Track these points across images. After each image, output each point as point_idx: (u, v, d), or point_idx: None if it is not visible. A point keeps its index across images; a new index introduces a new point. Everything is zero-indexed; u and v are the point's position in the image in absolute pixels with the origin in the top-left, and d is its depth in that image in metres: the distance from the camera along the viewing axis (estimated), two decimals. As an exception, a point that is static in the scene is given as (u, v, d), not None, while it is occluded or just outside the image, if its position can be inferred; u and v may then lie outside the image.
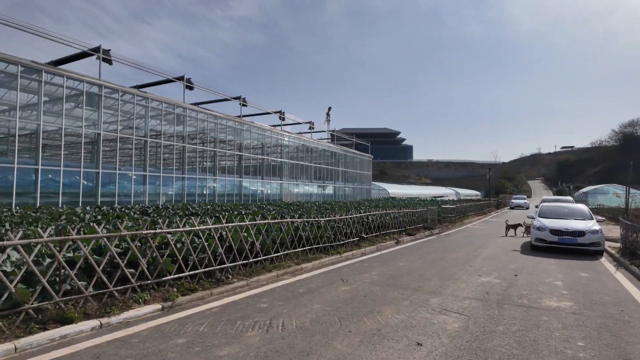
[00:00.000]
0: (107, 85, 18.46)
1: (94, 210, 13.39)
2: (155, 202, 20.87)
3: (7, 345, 3.70)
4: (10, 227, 8.72)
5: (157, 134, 22.73)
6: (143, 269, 5.46)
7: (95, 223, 9.85)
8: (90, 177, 18.14)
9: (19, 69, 15.28)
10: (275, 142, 32.12)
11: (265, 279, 7.15)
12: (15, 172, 14.96)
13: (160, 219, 11.34)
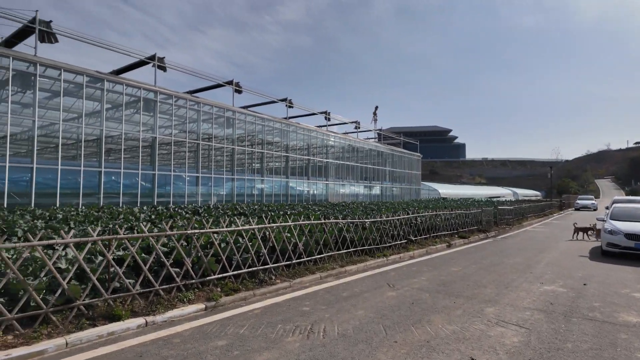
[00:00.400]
0: (162, 92, 19.46)
1: (149, 210, 14.11)
2: (207, 202, 21.67)
3: (60, 340, 3.85)
4: (75, 225, 9.37)
5: (208, 136, 23.62)
6: (188, 268, 5.52)
7: (149, 222, 10.32)
8: (148, 179, 19.21)
9: (85, 79, 16.55)
10: (321, 143, 32.13)
11: (308, 281, 7.00)
12: (82, 175, 16.21)
13: (210, 219, 11.68)
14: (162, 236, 5.34)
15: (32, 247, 3.98)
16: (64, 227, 8.48)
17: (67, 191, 15.91)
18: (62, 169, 15.58)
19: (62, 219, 10.18)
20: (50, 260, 4.14)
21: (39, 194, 14.89)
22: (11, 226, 8.37)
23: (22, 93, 16.16)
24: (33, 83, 15.13)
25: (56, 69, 15.62)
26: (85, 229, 8.04)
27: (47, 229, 8.36)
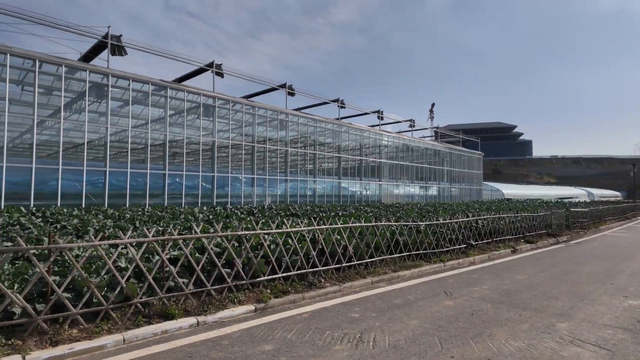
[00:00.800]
0: (220, 97, 20.31)
1: (208, 210, 14.75)
2: (262, 202, 22.25)
3: (118, 336, 4.03)
4: (140, 224, 10.02)
5: (263, 139, 24.27)
6: (238, 269, 5.58)
7: (207, 222, 10.75)
8: (208, 180, 20.16)
9: (150, 87, 17.75)
10: (374, 143, 31.60)
11: (358, 286, 6.79)
12: (148, 177, 17.40)
13: (263, 219, 11.90)
14: (213, 237, 5.45)
15: (94, 246, 4.21)
16: (129, 227, 9.09)
17: (136, 192, 17.16)
18: (131, 172, 16.84)
19: (130, 218, 10.95)
20: (110, 259, 4.36)
21: (112, 195, 16.22)
22: (85, 225, 9.14)
23: (97, 103, 17.72)
24: (106, 93, 16.52)
25: (126, 79, 16.92)
26: (148, 228, 8.55)
27: (115, 227, 9.01)
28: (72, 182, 15.38)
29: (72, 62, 15.51)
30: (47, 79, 15.83)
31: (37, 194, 14.31)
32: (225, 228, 8.71)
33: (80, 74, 15.78)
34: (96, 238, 4.29)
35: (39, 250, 3.87)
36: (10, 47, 13.80)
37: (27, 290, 3.76)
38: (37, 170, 14.34)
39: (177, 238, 4.93)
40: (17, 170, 14.12)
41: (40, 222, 9.82)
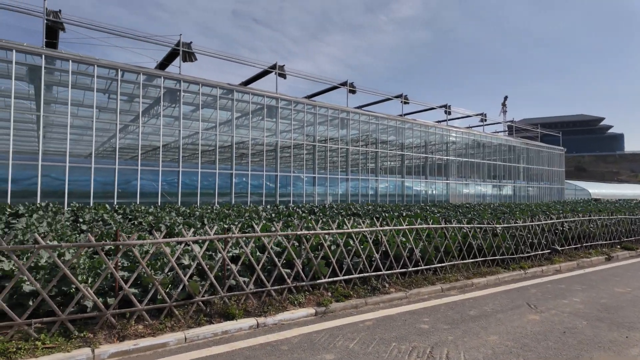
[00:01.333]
0: (283, 98, 20.62)
1: (271, 209, 14.98)
2: (323, 201, 22.21)
3: (180, 335, 4.03)
4: (207, 222, 10.39)
5: (324, 138, 24.24)
6: (298, 269, 5.40)
7: (269, 220, 10.85)
8: (271, 180, 20.59)
9: (218, 91, 18.55)
10: (440, 139, 30.03)
11: (426, 293, 6.25)
12: (217, 177, 18.20)
13: (324, 218, 11.73)
14: (273, 236, 5.32)
15: (158, 243, 4.27)
16: (197, 224, 9.43)
17: (206, 191, 18.04)
18: (201, 172, 17.74)
19: (199, 216, 11.42)
20: (173, 256, 4.40)
21: (184, 193, 17.21)
22: (159, 222, 9.67)
23: (172, 107, 18.93)
24: (178, 98, 17.57)
25: (196, 84, 17.85)
26: (210, 227, 8.78)
27: (184, 225, 9.40)
28: (150, 181, 16.58)
29: (149, 70, 16.72)
30: (128, 87, 17.25)
31: (120, 193, 15.63)
32: (286, 227, 8.66)
33: (156, 80, 16.96)
34: (160, 235, 4.34)
35: (106, 247, 3.97)
36: (97, 59, 15.23)
37: (97, 285, 3.89)
38: (120, 171, 15.67)
39: (237, 236, 4.86)
40: (104, 171, 15.55)
41: (120, 219, 10.62)
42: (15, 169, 13.66)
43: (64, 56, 14.66)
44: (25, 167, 14.10)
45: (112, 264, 3.92)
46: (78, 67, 15.17)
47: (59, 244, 3.62)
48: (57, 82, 15.73)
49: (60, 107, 17.08)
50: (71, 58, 14.67)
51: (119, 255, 3.94)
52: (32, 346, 3.43)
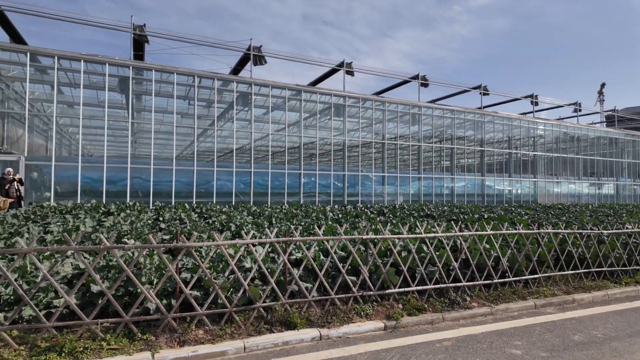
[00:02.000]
0: (350, 96, 20.23)
1: (339, 209, 14.67)
2: (394, 201, 21.35)
3: (239, 343, 3.82)
4: (276, 221, 10.39)
5: (394, 136, 23.35)
6: (365, 277, 4.94)
7: (336, 221, 10.52)
8: (339, 179, 20.33)
9: (287, 92, 18.76)
10: (526, 133, 27.19)
11: (516, 309, 5.37)
12: (286, 177, 18.42)
13: (394, 220, 11.08)
14: (337, 240, 4.93)
15: (218, 246, 4.12)
16: (265, 224, 9.43)
17: (276, 191, 18.37)
18: (271, 172, 18.09)
19: (268, 215, 11.51)
20: (234, 258, 4.23)
21: (256, 193, 17.69)
22: (230, 221, 9.88)
23: (245, 111, 19.62)
24: (250, 101, 18.11)
25: (266, 87, 18.25)
26: (272, 228, 8.67)
27: (253, 224, 9.46)
28: (225, 182, 17.32)
29: (223, 76, 17.47)
30: (205, 93, 18.22)
31: (198, 193, 16.54)
32: (353, 229, 8.22)
33: (230, 85, 17.66)
34: (221, 237, 4.20)
35: (166, 248, 3.90)
36: (177, 67, 16.28)
37: (159, 287, 3.84)
38: (198, 172, 16.58)
39: (299, 239, 4.55)
40: (184, 172, 16.57)
41: (195, 218, 11.11)
42: (109, 171, 15.13)
43: (148, 66, 15.90)
44: (118, 169, 15.55)
45: (173, 266, 3.84)
46: (161, 76, 16.35)
47: (122, 245, 3.62)
48: (144, 91, 17.14)
49: (148, 114, 18.60)
50: (154, 67, 15.86)
51: (179, 258, 3.86)
52: (98, 346, 3.45)
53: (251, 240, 4.24)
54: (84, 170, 14.74)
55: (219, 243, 4.04)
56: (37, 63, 14.55)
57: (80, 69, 14.60)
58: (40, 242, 6.39)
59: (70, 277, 4.46)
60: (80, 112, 15.15)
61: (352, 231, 7.15)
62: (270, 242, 4.38)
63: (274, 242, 4.41)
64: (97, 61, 14.83)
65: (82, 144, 18.39)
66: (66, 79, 15.57)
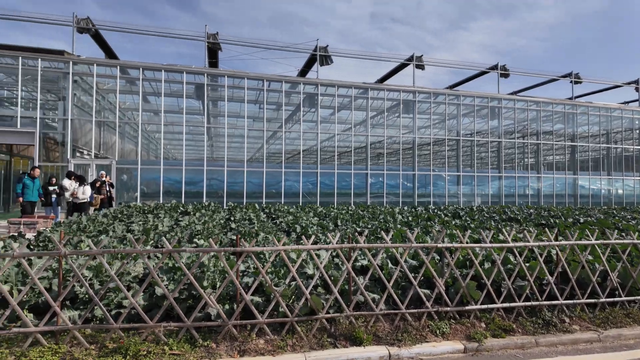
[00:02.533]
0: (420, 90, 19.23)
1: (409, 211, 13.92)
2: (470, 203, 19.86)
3: (300, 357, 3.56)
4: (341, 223, 10.09)
5: (470, 132, 21.75)
6: (440, 291, 4.39)
7: (406, 225, 9.89)
8: (409, 179, 19.44)
9: (354, 91, 18.40)
10: (629, 124, 23.59)
11: (632, 336, 4.40)
12: (352, 177, 18.06)
13: (472, 223, 10.12)
14: (407, 248, 4.44)
15: (278, 251, 3.91)
16: (330, 225, 9.17)
17: (343, 191, 18.12)
18: (337, 173, 17.87)
19: (334, 217, 11.26)
20: (295, 264, 3.99)
21: (322, 193, 17.62)
22: (296, 222, 9.81)
23: (312, 112, 19.69)
24: (316, 102, 18.08)
25: (332, 86, 18.09)
26: (333, 233, 8.35)
27: (318, 226, 9.27)
28: (292, 182, 17.51)
29: (290, 78, 17.68)
30: (274, 96, 18.62)
31: (268, 193, 16.92)
32: (425, 233, 7.58)
33: (297, 87, 17.81)
34: (279, 242, 3.98)
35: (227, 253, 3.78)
36: (247, 72, 16.82)
37: (219, 292, 3.73)
38: (268, 174, 16.97)
39: (364, 247, 4.17)
40: (254, 174, 17.08)
41: (264, 218, 11.26)
42: (187, 173, 16.11)
43: (221, 73, 16.65)
44: (195, 171, 16.50)
45: (234, 271, 3.71)
46: (233, 82, 17.03)
47: (183, 249, 3.56)
48: (218, 97, 18.00)
49: (222, 119, 19.54)
50: (226, 74, 16.56)
51: (239, 263, 3.71)
52: (161, 351, 3.42)
53: (312, 247, 3.96)
54: (166, 173, 15.88)
55: (279, 248, 3.82)
56: (126, 75, 16.02)
57: (162, 78, 15.75)
58: (121, 241, 6.83)
59: (142, 277, 4.59)
60: (162, 119, 16.36)
61: (424, 236, 6.56)
62: (333, 248, 4.05)
63: (337, 248, 4.08)
64: (175, 70, 15.89)
65: (163, 148, 19.92)
66: (150, 89, 16.94)
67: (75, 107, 15.27)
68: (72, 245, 6.36)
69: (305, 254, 4.22)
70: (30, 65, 14.21)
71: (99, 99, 16.80)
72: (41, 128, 14.29)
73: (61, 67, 14.66)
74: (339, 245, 4.05)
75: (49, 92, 15.65)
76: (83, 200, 10.61)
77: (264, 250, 3.75)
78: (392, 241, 6.73)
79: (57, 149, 15.02)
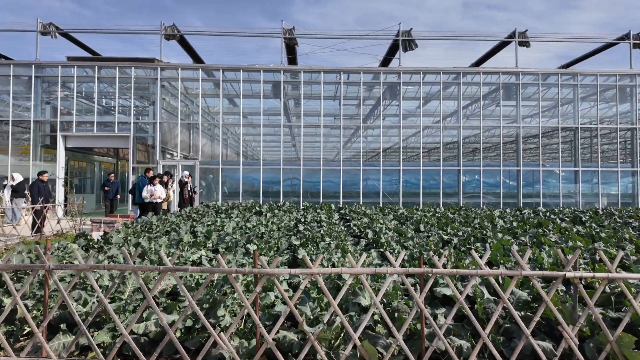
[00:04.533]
0: (525, 71, 16.31)
1: (512, 213, 11.60)
2: (593, 204, 16.26)
3: None
4: (425, 228, 8.54)
5: (590, 119, 17.93)
6: (571, 344, 2.79)
7: (509, 232, 7.92)
8: (511, 176, 16.64)
9: (442, 77, 16.34)
10: None
11: None
12: (441, 174, 16.03)
13: (601, 232, 7.71)
14: (515, 277, 2.94)
15: (310, 275, 2.76)
16: (408, 231, 7.72)
17: (430, 191, 16.21)
18: (423, 170, 16.01)
19: (416, 220, 9.71)
20: (337, 295, 2.81)
21: (406, 193, 15.96)
22: (371, 225, 8.55)
23: (394, 106, 18.10)
24: (398, 92, 16.47)
25: (417, 74, 16.30)
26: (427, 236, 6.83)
27: (395, 232, 7.89)
28: (372, 181, 16.19)
29: (370, 68, 16.39)
30: (353, 90, 17.51)
31: (345, 193, 15.88)
32: (537, 244, 5.71)
33: (378, 77, 16.44)
34: (318, 259, 2.84)
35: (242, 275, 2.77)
36: (323, 66, 16.00)
37: (232, 328, 2.74)
38: (345, 172, 15.93)
39: (443, 273, 2.79)
40: (332, 172, 16.15)
41: (336, 220, 10.22)
42: (266, 173, 15.91)
43: (297, 69, 16.10)
44: (273, 171, 16.22)
45: (251, 301, 2.68)
46: (311, 77, 16.37)
47: (184, 267, 2.64)
48: (296, 95, 17.53)
49: (299, 117, 19.10)
50: (302, 69, 15.96)
51: (257, 289, 2.67)
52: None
53: (360, 270, 2.73)
54: (245, 173, 15.88)
55: (312, 271, 2.69)
56: (209, 77, 16.42)
57: (240, 78, 15.77)
58: (177, 244, 6.38)
59: (169, 292, 3.87)
60: (240, 118, 16.43)
61: (540, 253, 4.84)
62: (393, 273, 2.78)
63: (400, 274, 2.78)
64: (253, 69, 15.79)
65: (243, 148, 20.08)
66: (232, 90, 17.16)
67: (164, 111, 16.11)
68: (133, 246, 6.07)
69: (353, 279, 3.02)
70: (126, 74, 15.35)
71: (186, 102, 17.59)
72: (135, 132, 15.34)
73: (151, 73, 15.57)
74: (402, 271, 2.75)
75: (142, 97, 16.85)
76: (154, 200, 10.80)
77: (290, 273, 2.64)
78: (491, 257, 5.13)
79: (150, 150, 16.02)
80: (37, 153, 15.23)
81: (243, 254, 5.36)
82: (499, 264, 5.07)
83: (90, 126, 15.51)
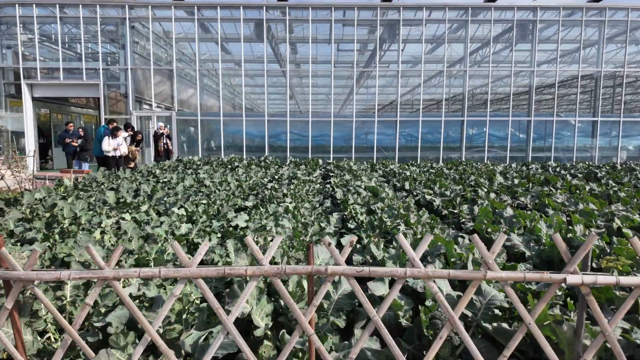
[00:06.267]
0: (545, 6, 14.16)
1: (516, 170, 10.28)
2: (611, 158, 14.78)
3: None
4: (411, 186, 7.33)
5: (615, 63, 15.90)
6: None
7: (508, 191, 6.67)
8: (521, 128, 15.07)
9: (448, 14, 14.30)
10: None
11: None
12: (442, 126, 14.52)
13: (621, 191, 6.42)
14: (476, 281, 1.73)
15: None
16: (388, 191, 6.51)
17: (429, 145, 14.81)
18: (423, 121, 14.50)
19: (403, 177, 8.49)
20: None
21: (403, 147, 14.65)
22: (347, 184, 7.38)
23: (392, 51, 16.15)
24: (398, 33, 14.55)
25: (419, 9, 14.27)
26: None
27: (370, 191, 6.70)
28: (366, 135, 14.81)
29: (366, 4, 14.39)
30: (349, 33, 15.56)
31: (335, 148, 14.59)
32: (539, 209, 4.47)
33: (374, 14, 14.46)
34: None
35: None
36: (312, 2, 14.05)
37: None
38: (336, 124, 14.55)
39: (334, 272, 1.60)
40: (321, 125, 14.75)
41: (315, 177, 9.06)
42: (248, 125, 14.60)
43: (281, 5, 14.19)
44: (256, 123, 14.88)
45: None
46: (302, 15, 14.47)
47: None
48: (282, 38, 15.66)
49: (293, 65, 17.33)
50: (287, 5, 14.06)
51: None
52: None
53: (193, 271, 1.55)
54: (227, 125, 14.61)
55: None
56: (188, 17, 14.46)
57: (218, 16, 14.00)
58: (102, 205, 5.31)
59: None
60: (219, 63, 14.85)
61: (539, 217, 3.66)
62: (259, 274, 1.59)
63: (268, 275, 1.59)
64: (232, 6, 13.98)
65: (223, 98, 18.24)
66: (213, 32, 15.28)
67: (138, 56, 14.58)
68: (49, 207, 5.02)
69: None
70: (94, 13, 13.71)
71: (165, 47, 15.94)
72: (105, 80, 13.95)
73: (119, 12, 13.87)
74: (272, 270, 1.55)
75: (112, 41, 15.21)
76: (113, 155, 9.70)
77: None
78: (476, 225, 4.00)
79: (124, 101, 14.69)
80: (2, 103, 14.05)
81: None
82: (485, 236, 3.90)
83: (57, 73, 14.13)
